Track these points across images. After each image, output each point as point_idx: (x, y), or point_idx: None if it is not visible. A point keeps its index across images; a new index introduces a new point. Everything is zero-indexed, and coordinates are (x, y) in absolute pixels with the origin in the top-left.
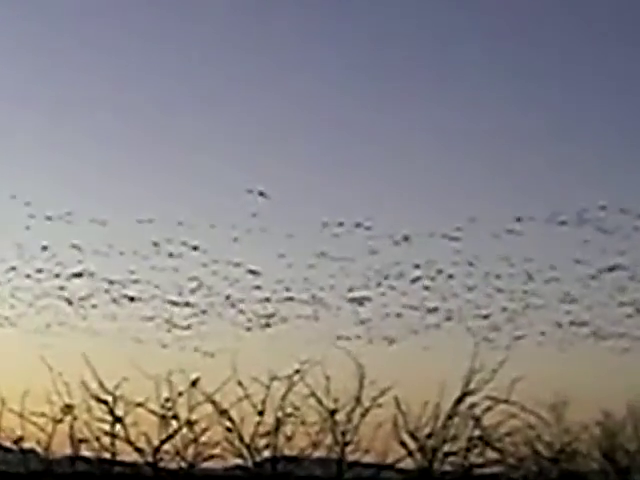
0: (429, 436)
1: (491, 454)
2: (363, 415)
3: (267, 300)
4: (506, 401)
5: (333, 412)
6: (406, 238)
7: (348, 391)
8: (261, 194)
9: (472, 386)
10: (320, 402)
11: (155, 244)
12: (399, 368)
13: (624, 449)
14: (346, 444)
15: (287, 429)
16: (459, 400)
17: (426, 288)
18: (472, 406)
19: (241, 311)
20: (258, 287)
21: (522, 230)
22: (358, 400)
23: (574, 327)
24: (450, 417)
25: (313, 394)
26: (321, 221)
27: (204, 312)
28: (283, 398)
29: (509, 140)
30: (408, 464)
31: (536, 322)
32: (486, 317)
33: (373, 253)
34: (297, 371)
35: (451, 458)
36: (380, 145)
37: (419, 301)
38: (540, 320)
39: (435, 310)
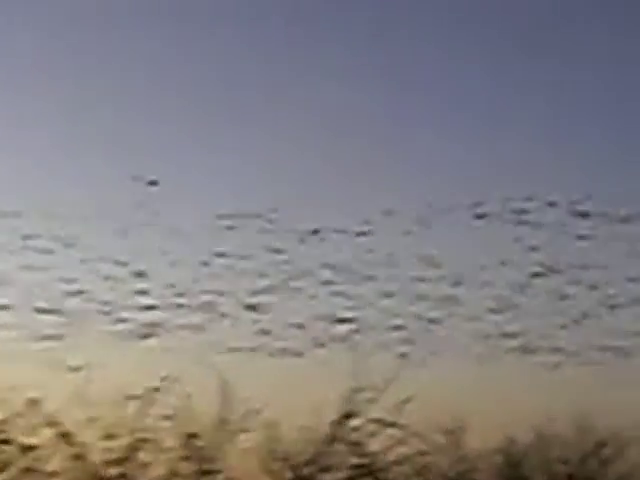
0: (305, 464)
1: None
2: (229, 440)
3: (152, 307)
4: (393, 424)
5: (194, 436)
6: (315, 232)
7: (213, 412)
8: (152, 183)
9: (356, 407)
10: (180, 424)
11: (23, 239)
12: (282, 386)
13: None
14: (209, 473)
15: (142, 455)
16: (340, 423)
17: (337, 294)
18: (355, 430)
19: (120, 319)
20: (143, 292)
21: (444, 224)
22: (224, 422)
23: (500, 339)
24: (330, 442)
25: (172, 416)
26: (216, 213)
27: (77, 320)
28: (137, 420)
29: (424, 124)
30: None
31: (458, 334)
32: (399, 328)
33: (276, 251)
34: (155, 389)
35: None
36: (283, 128)
37: (328, 309)
38: (463, 331)
39: (346, 321)
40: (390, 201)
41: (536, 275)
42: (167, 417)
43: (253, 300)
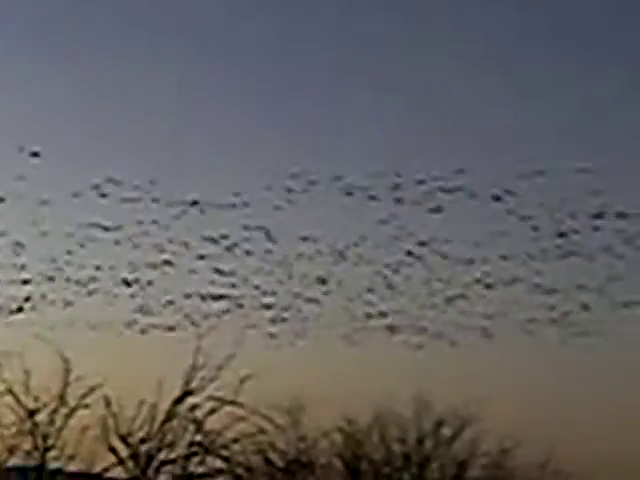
0: (143, 441)
1: (216, 463)
2: (68, 416)
3: (26, 282)
4: (232, 402)
5: (33, 412)
6: (194, 203)
7: (53, 388)
8: (34, 154)
9: (197, 384)
10: (18, 400)
11: None
12: (133, 362)
13: (369, 459)
14: (47, 449)
15: None
16: (178, 400)
17: (214, 270)
18: (194, 408)
19: None
20: (18, 265)
21: (314, 199)
22: (62, 399)
23: (369, 319)
24: (168, 420)
25: (10, 391)
26: (91, 183)
27: None
28: None
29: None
30: (119, 473)
31: (330, 312)
32: (270, 307)
33: (154, 223)
34: None
35: (168, 467)
36: (161, 101)
37: (205, 285)
38: (336, 310)
39: (220, 298)
40: (264, 174)
41: (410, 254)
42: (5, 393)
43: (130, 275)
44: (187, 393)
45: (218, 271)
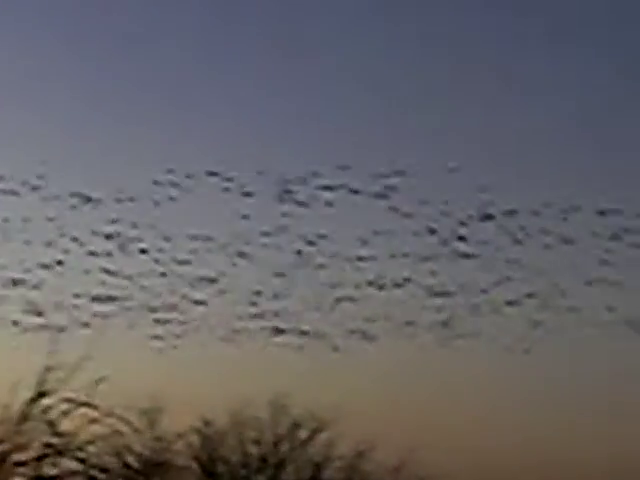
0: None
1: (71, 465)
2: None
3: None
4: (86, 404)
5: None
6: (89, 200)
7: None
8: None
9: (50, 386)
10: None
11: None
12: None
13: (225, 460)
14: None
15: None
16: (33, 401)
17: (106, 271)
18: (47, 409)
19: None
20: None
21: (200, 195)
22: None
23: (253, 320)
24: (22, 421)
25: None
26: None
27: None
28: None
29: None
30: None
31: (215, 313)
32: (155, 309)
33: (43, 219)
34: None
35: (21, 469)
36: (52, 96)
37: (95, 284)
38: (221, 311)
39: (108, 299)
40: (147, 169)
41: (299, 253)
42: None
43: (19, 275)
44: (41, 394)
45: (108, 271)
